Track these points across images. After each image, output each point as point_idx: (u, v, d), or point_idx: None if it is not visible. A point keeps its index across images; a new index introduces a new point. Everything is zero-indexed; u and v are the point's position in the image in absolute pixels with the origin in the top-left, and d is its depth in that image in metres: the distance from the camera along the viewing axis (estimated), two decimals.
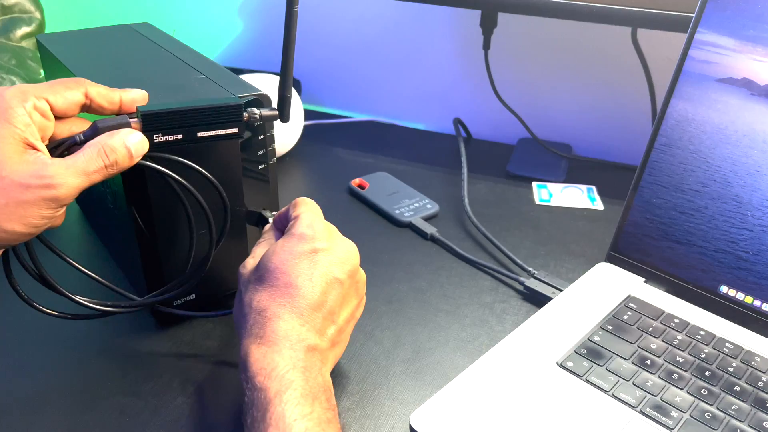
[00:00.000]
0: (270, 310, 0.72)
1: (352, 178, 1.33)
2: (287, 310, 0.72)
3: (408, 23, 1.57)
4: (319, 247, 0.77)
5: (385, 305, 1.01)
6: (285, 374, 0.67)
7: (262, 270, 0.76)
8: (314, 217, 0.81)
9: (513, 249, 1.13)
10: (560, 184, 1.35)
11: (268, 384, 0.66)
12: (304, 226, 0.79)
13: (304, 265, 0.75)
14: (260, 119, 0.85)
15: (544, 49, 1.48)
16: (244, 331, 0.73)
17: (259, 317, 0.72)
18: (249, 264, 0.80)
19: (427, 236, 1.17)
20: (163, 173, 0.79)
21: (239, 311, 0.77)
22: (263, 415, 0.65)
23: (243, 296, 0.77)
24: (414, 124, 1.66)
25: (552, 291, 1.01)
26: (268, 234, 0.86)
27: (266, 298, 0.74)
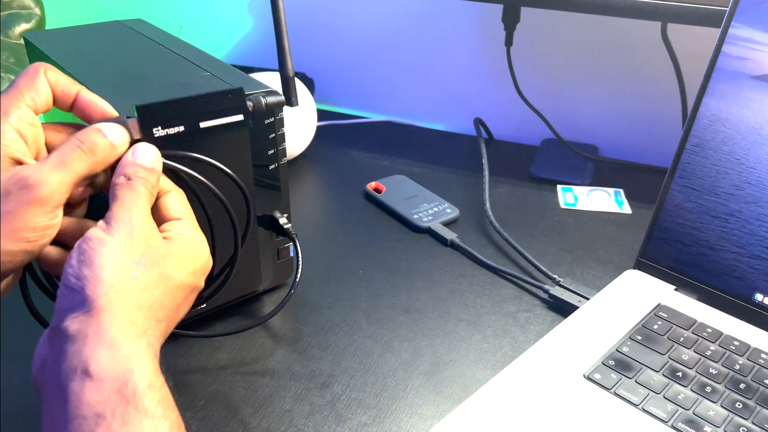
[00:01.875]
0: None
1: (368, 181, 1.34)
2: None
3: (426, 19, 1.57)
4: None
5: (403, 315, 1.01)
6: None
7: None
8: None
9: (537, 255, 1.13)
10: (586, 187, 1.35)
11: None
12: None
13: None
14: (266, 107, 0.85)
15: (569, 46, 1.48)
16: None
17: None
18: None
19: (447, 242, 1.17)
20: (179, 170, 0.78)
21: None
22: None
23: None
24: (433, 124, 1.66)
25: (578, 299, 1.01)
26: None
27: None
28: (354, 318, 1.00)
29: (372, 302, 1.04)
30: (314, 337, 0.97)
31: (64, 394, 0.58)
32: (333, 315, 1.01)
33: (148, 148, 0.72)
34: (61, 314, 0.62)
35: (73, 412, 0.57)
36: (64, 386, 0.58)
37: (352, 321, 1.00)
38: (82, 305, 0.61)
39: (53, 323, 0.62)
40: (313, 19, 1.67)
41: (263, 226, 0.96)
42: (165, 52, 1.02)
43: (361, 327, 0.99)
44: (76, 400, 0.57)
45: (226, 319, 0.99)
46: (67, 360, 0.59)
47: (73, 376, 0.58)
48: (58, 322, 0.61)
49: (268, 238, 0.98)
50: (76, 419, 0.57)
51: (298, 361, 0.93)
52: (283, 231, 0.96)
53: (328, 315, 1.01)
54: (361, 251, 1.15)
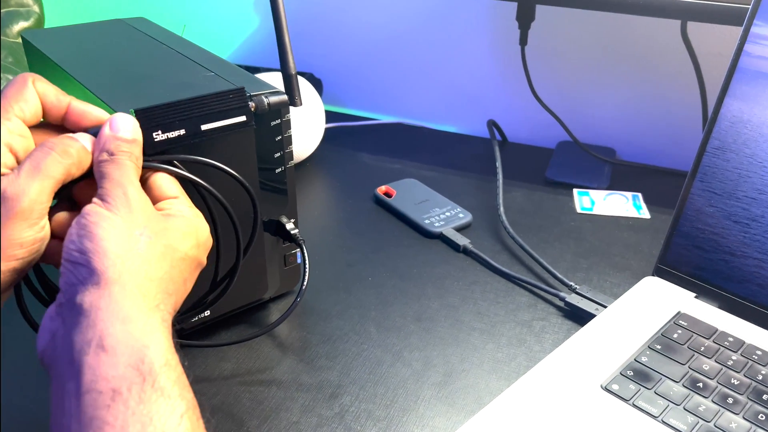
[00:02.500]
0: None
1: (378, 185, 1.33)
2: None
3: (438, 17, 1.57)
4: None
5: (414, 323, 1.01)
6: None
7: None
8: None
9: (552, 262, 1.13)
10: (603, 191, 1.35)
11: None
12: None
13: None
14: (269, 107, 0.84)
15: (585, 45, 1.47)
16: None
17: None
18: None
19: (460, 248, 1.17)
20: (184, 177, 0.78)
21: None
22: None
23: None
24: (445, 126, 1.66)
25: (595, 307, 1.01)
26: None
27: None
28: (363, 326, 1.00)
29: (382, 310, 1.03)
30: (322, 347, 0.97)
31: (77, 368, 0.58)
32: (342, 323, 1.01)
33: (125, 118, 0.72)
34: (69, 288, 0.62)
35: (87, 385, 0.57)
36: (78, 360, 0.58)
37: (362, 330, 1.00)
38: (90, 278, 0.61)
39: (61, 298, 0.63)
40: (320, 18, 1.67)
41: (269, 231, 0.96)
42: (168, 52, 1.02)
43: (370, 336, 0.99)
44: (91, 374, 0.58)
45: (231, 328, 0.99)
46: (81, 333, 0.59)
47: (88, 350, 0.58)
48: (68, 296, 0.62)
49: (274, 244, 0.98)
50: (91, 393, 0.57)
51: (305, 372, 0.92)
52: (290, 237, 0.96)
53: (337, 323, 1.01)
54: (371, 257, 1.15)
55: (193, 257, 0.71)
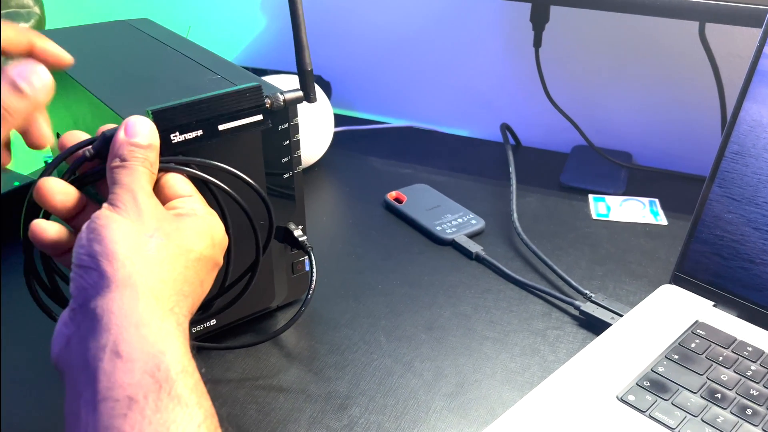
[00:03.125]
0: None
1: (389, 190, 1.34)
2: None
3: (450, 18, 1.58)
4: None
5: (425, 333, 1.01)
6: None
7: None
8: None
9: (567, 269, 1.13)
10: (619, 196, 1.35)
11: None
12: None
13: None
14: (284, 103, 0.85)
15: (601, 47, 1.47)
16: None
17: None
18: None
19: (472, 255, 1.17)
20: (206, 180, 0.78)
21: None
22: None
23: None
24: (457, 130, 1.66)
25: (611, 316, 1.01)
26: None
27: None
28: (373, 336, 1.01)
29: (392, 319, 1.04)
30: (331, 356, 0.97)
31: (92, 374, 0.58)
32: (351, 333, 1.01)
33: (142, 122, 0.72)
34: (81, 293, 0.62)
35: (103, 393, 0.58)
36: (93, 366, 0.59)
37: (371, 339, 1.00)
38: (101, 281, 0.62)
39: (74, 303, 0.63)
40: (329, 19, 1.68)
41: (277, 238, 0.96)
42: (173, 54, 1.02)
43: (380, 345, 0.99)
44: (106, 381, 0.58)
45: (237, 337, 1.00)
46: (95, 338, 0.60)
47: (102, 355, 0.59)
48: (80, 301, 0.62)
49: (282, 251, 0.98)
50: (107, 401, 0.57)
51: (313, 382, 0.93)
52: (297, 244, 0.96)
53: (346, 333, 1.01)
54: (381, 265, 1.15)
55: (209, 257, 0.71)
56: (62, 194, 0.72)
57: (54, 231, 0.71)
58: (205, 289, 0.72)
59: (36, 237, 0.71)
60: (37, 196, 0.71)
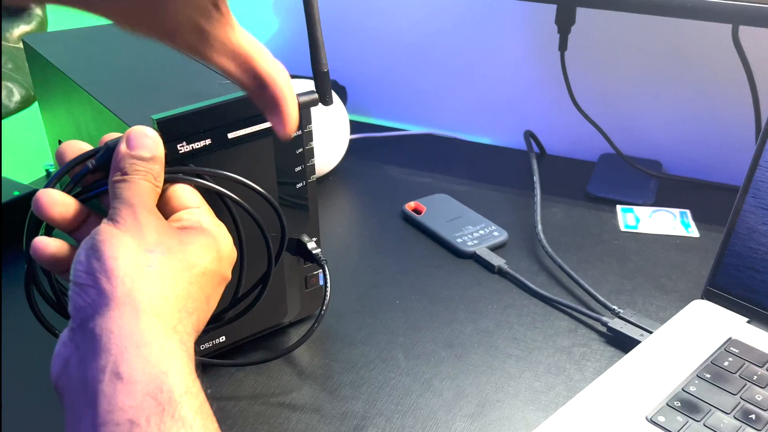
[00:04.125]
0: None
1: (407, 201, 1.34)
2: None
3: (471, 20, 1.58)
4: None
5: (445, 350, 1.01)
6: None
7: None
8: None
9: (594, 284, 1.13)
10: (649, 207, 1.35)
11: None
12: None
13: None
14: (299, 107, 0.85)
15: (630, 51, 1.47)
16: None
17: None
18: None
19: (494, 269, 1.17)
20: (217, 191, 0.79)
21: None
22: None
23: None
24: (478, 137, 1.66)
25: (640, 333, 1.01)
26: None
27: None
28: (390, 353, 1.01)
29: (410, 336, 1.04)
30: (346, 375, 0.97)
31: (92, 397, 0.58)
32: (367, 350, 1.01)
33: (144, 133, 0.72)
34: (80, 312, 0.62)
35: (104, 417, 0.57)
36: (93, 388, 0.59)
37: (389, 356, 1.00)
38: (99, 299, 0.62)
39: (73, 324, 0.63)
40: (345, 21, 1.68)
41: (290, 251, 0.96)
42: (180, 58, 1.02)
43: (398, 363, 0.99)
44: (107, 404, 0.58)
45: (248, 354, 1.00)
46: (95, 360, 0.60)
47: (102, 377, 0.59)
48: (79, 321, 0.62)
49: (294, 264, 0.98)
50: (107, 425, 0.57)
51: (328, 401, 0.93)
52: (311, 256, 0.96)
53: (362, 350, 1.01)
54: (399, 279, 1.15)
55: (215, 271, 0.71)
56: (62, 206, 0.72)
57: (55, 247, 0.71)
58: (212, 306, 0.72)
59: (37, 253, 0.71)
60: (36, 207, 0.71)
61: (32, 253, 0.71)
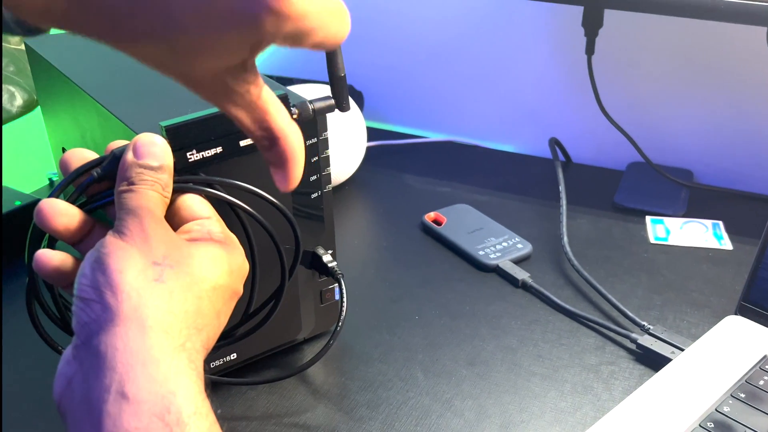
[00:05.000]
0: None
1: (426, 211, 1.34)
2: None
3: (494, 22, 1.58)
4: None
5: (467, 368, 1.01)
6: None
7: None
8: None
9: (623, 299, 1.12)
10: (679, 218, 1.34)
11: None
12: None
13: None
14: (314, 113, 0.84)
15: (660, 55, 1.47)
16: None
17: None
18: None
19: (518, 283, 1.17)
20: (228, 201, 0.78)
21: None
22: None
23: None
24: (501, 145, 1.66)
25: (671, 350, 1.00)
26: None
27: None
28: (409, 371, 1.00)
29: (430, 353, 1.04)
30: (362, 394, 0.97)
31: (96, 417, 0.58)
32: (385, 368, 1.01)
33: (152, 141, 0.72)
34: (84, 329, 0.62)
35: None
36: (97, 408, 0.58)
37: (407, 375, 1.00)
38: (104, 315, 0.61)
39: (77, 340, 0.62)
40: (361, 23, 1.67)
41: (304, 264, 0.96)
42: None
43: (417, 382, 0.99)
44: (111, 425, 0.57)
45: (260, 372, 1.00)
46: (99, 378, 0.59)
47: (107, 397, 0.58)
48: (83, 338, 0.62)
49: (309, 278, 0.98)
50: None
51: (343, 422, 0.93)
52: (326, 270, 0.96)
53: (379, 368, 1.01)
54: (418, 293, 1.15)
55: (226, 286, 0.70)
56: (65, 216, 0.71)
57: (58, 259, 0.71)
58: (222, 322, 0.71)
59: (39, 266, 0.71)
60: (38, 218, 0.71)
61: (34, 266, 0.71)
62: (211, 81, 0.63)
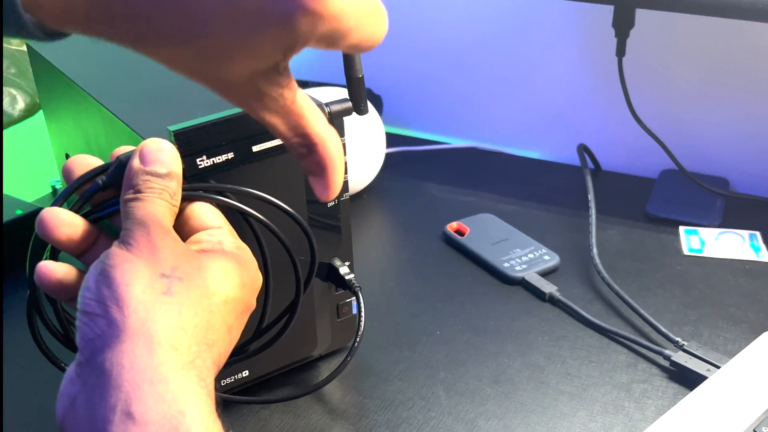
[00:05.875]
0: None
1: (449, 221, 1.34)
2: None
3: (519, 23, 1.57)
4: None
5: (491, 386, 1.01)
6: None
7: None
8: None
9: (655, 313, 1.12)
10: (715, 229, 1.34)
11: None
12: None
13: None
14: (330, 117, 0.84)
15: (694, 57, 1.46)
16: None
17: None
18: None
19: (545, 296, 1.17)
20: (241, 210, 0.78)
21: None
22: None
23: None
24: (527, 152, 1.66)
25: (706, 368, 1.00)
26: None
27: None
28: (431, 390, 1.00)
29: (453, 370, 1.03)
30: (381, 414, 0.97)
31: None
32: (405, 386, 1.01)
33: (160, 147, 0.72)
34: (88, 345, 0.61)
35: None
36: (102, 429, 0.58)
37: (429, 394, 0.99)
38: (109, 330, 0.61)
39: (80, 357, 0.62)
40: None
41: (320, 276, 0.96)
42: None
43: (439, 401, 0.98)
44: None
45: (274, 390, 0.99)
46: (104, 398, 0.59)
47: (112, 417, 0.58)
48: (87, 355, 0.61)
49: (325, 291, 0.98)
50: None
51: None
52: (344, 283, 0.96)
53: (399, 386, 1.01)
54: (440, 307, 1.15)
55: (238, 299, 0.69)
56: (69, 226, 0.71)
57: (61, 272, 0.70)
58: (234, 337, 0.71)
59: (41, 279, 0.70)
60: (40, 228, 0.70)
61: (36, 279, 0.70)
62: (242, 85, 0.63)
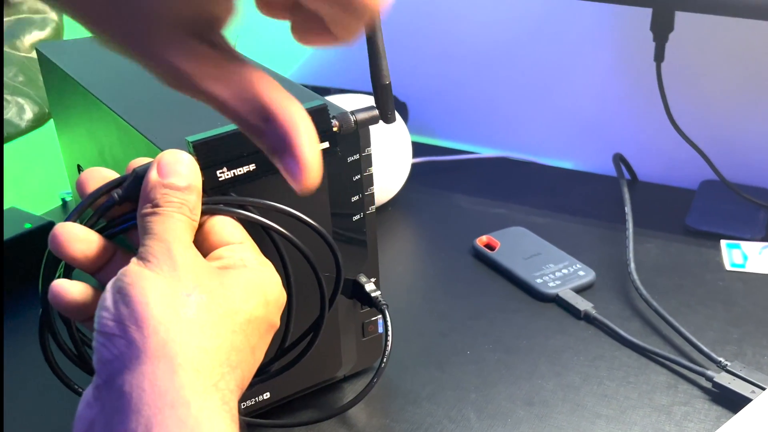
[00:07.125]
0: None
1: (478, 235, 1.34)
2: None
3: (551, 27, 1.58)
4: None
5: (524, 408, 1.01)
6: None
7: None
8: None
9: (696, 332, 1.11)
10: (758, 243, 1.34)
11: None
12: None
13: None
14: (356, 125, 0.84)
15: (736, 63, 1.46)
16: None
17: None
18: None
19: (580, 314, 1.17)
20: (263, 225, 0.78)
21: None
22: None
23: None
24: (560, 161, 1.66)
25: (751, 389, 0.99)
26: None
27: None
28: (461, 412, 1.00)
29: (484, 392, 1.03)
30: None
31: None
32: (434, 408, 1.01)
33: (178, 158, 0.72)
34: (106, 367, 0.61)
35: None
36: None
37: (459, 416, 1.00)
38: (129, 351, 0.61)
39: (98, 380, 0.62)
40: (406, 28, 1.68)
41: (345, 293, 0.96)
42: None
43: (469, 424, 0.98)
44: None
45: (296, 413, 1.00)
46: (123, 422, 0.59)
47: None
48: (105, 377, 0.61)
49: (350, 309, 0.98)
50: None
51: None
52: (369, 300, 0.96)
53: (428, 408, 1.01)
54: (470, 325, 1.15)
55: (261, 318, 0.69)
56: (83, 243, 0.71)
57: (76, 291, 0.70)
58: (258, 358, 0.71)
59: (56, 298, 0.70)
60: (53, 244, 0.70)
61: (50, 298, 0.70)
62: (169, 37, 0.59)
